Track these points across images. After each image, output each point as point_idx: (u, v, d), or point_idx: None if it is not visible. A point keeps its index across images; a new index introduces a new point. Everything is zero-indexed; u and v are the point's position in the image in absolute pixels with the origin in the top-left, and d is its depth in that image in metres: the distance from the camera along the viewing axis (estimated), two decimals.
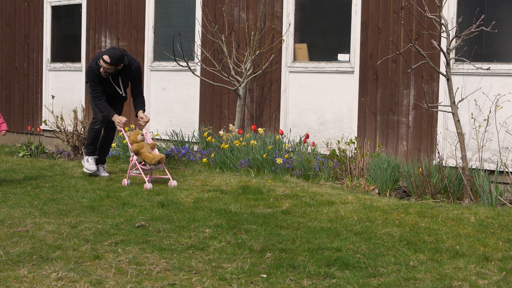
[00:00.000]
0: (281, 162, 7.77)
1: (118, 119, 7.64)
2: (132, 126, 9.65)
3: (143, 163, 7.37)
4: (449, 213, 5.77)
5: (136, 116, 7.85)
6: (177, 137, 9.66)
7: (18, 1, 12.30)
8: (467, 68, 7.30)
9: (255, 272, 4.21)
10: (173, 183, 7.28)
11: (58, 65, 11.62)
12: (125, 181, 7.45)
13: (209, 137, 8.77)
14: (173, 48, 9.16)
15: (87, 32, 11.13)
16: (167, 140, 9.84)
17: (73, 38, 11.45)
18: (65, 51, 11.70)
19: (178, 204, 6.22)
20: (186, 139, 9.63)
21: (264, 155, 7.96)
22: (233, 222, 5.43)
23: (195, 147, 9.34)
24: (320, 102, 8.55)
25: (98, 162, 8.13)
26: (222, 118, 9.44)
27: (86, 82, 8.05)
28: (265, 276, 4.13)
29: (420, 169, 6.85)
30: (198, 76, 9.47)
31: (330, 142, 8.29)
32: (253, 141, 8.23)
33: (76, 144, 10.22)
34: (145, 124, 7.74)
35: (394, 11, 7.89)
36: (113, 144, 9.60)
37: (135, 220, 5.54)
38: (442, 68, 7.32)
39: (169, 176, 7.40)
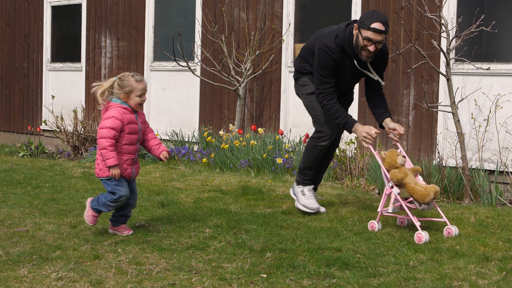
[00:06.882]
0: (281, 162, 7.77)
1: (364, 130, 5.06)
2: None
3: (410, 199, 5.03)
4: (449, 213, 5.77)
5: (381, 126, 5.36)
6: (177, 137, 9.66)
7: (18, 1, 12.30)
8: (467, 68, 7.30)
9: (255, 272, 4.20)
10: (453, 230, 4.97)
11: (58, 65, 11.62)
12: (374, 224, 5.13)
13: (209, 137, 8.76)
14: (173, 48, 9.17)
15: (87, 32, 11.13)
16: (167, 140, 9.84)
17: (73, 38, 11.45)
18: (65, 51, 11.70)
19: (178, 204, 6.22)
20: (186, 139, 9.63)
21: (264, 155, 7.95)
22: (233, 222, 5.43)
23: (195, 147, 9.34)
24: None
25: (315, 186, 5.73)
26: (222, 118, 9.43)
27: (301, 79, 5.67)
28: (265, 276, 4.13)
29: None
30: (198, 76, 9.47)
31: None
32: (253, 141, 8.23)
33: (76, 144, 10.22)
34: (398, 139, 5.27)
35: (394, 11, 7.88)
36: None
37: (135, 220, 5.54)
38: (442, 68, 7.32)
39: (445, 219, 5.09)
